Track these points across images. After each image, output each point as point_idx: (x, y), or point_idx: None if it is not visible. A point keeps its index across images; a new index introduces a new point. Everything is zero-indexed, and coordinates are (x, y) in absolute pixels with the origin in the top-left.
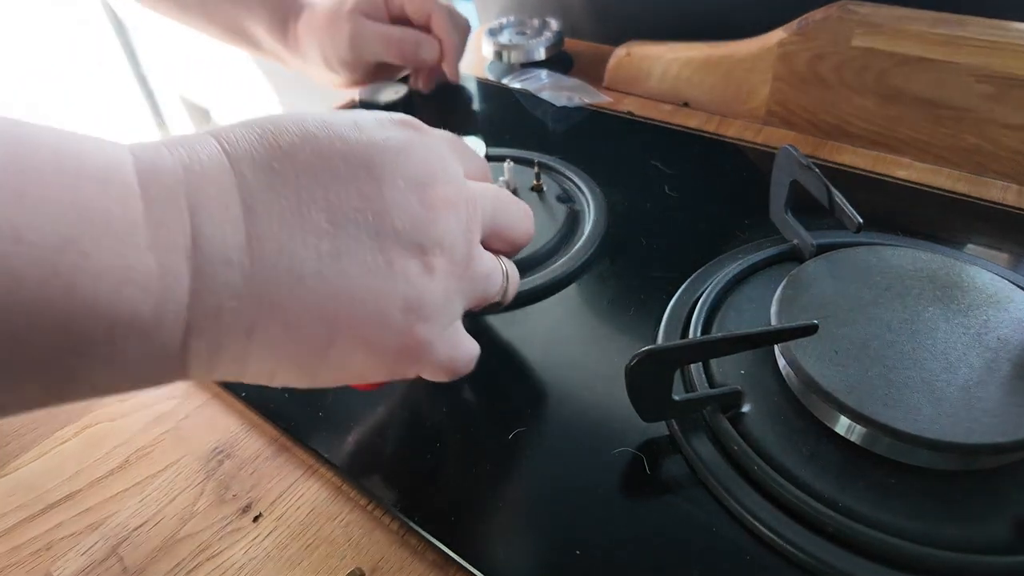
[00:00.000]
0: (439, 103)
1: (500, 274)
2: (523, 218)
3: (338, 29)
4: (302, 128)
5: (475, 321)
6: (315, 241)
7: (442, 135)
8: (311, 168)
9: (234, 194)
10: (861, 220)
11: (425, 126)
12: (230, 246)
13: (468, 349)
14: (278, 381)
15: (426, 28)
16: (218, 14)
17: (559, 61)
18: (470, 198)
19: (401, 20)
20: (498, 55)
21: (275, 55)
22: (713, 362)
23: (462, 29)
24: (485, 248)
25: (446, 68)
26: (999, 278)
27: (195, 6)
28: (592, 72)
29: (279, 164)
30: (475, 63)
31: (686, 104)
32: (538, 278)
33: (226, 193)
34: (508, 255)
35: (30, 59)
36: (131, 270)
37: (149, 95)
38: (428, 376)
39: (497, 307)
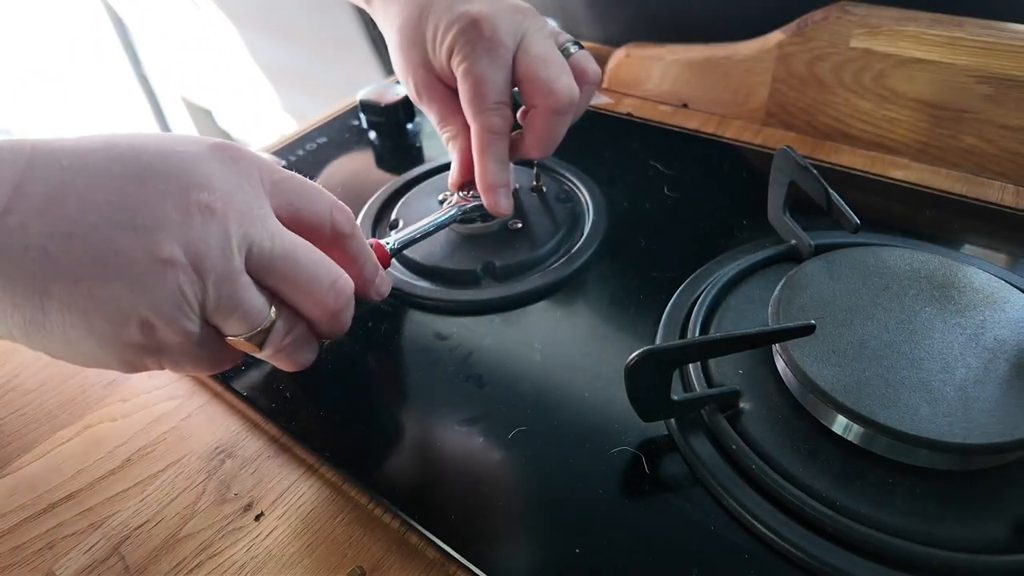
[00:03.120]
0: None
1: (261, 315)
2: (314, 279)
3: (407, 70)
4: (110, 140)
5: (473, 319)
6: (54, 222)
7: (274, 172)
8: (92, 167)
9: (12, 179)
10: (859, 221)
11: (250, 157)
12: None
13: (207, 355)
14: (20, 342)
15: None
16: None
17: None
18: (247, 221)
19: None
20: None
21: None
22: (711, 362)
23: (560, 102)
24: (266, 290)
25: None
26: (996, 278)
27: None
28: None
29: (68, 161)
30: None
31: (685, 105)
32: (538, 278)
33: (4, 178)
34: (313, 320)
35: (30, 59)
36: None
37: (150, 95)
38: (171, 368)
39: (250, 351)
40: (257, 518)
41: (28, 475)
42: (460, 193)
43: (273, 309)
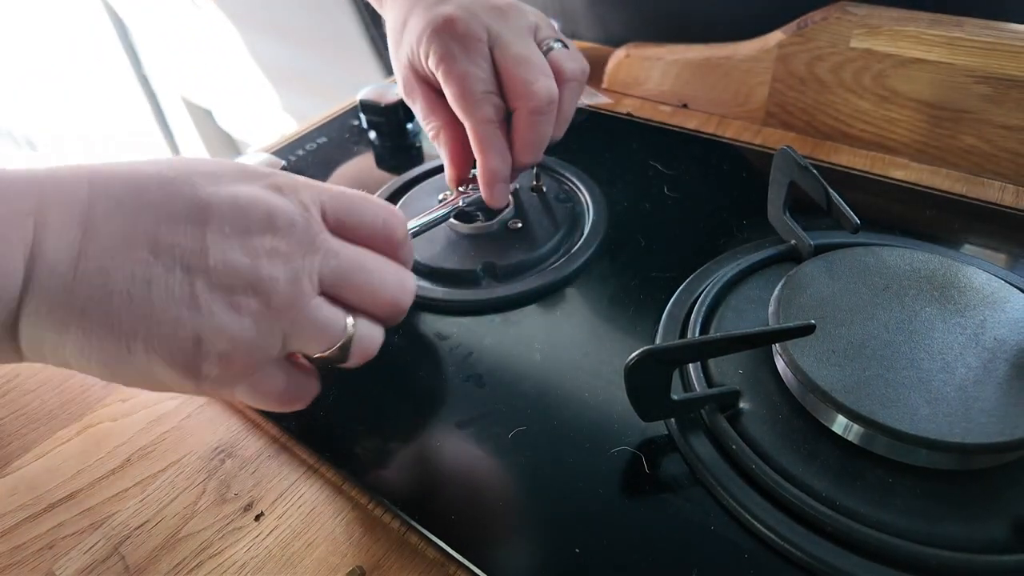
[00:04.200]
0: None
1: (340, 329)
2: (385, 284)
3: (396, 69)
4: (162, 173)
5: (473, 319)
6: (132, 266)
7: (322, 193)
8: (152, 205)
9: (78, 220)
10: (859, 221)
11: (297, 184)
12: (59, 261)
13: (283, 388)
14: (95, 375)
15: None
16: None
17: None
18: (311, 251)
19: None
20: None
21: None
22: (711, 362)
23: (539, 103)
24: (339, 302)
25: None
26: (996, 278)
27: None
28: (591, 73)
29: (127, 199)
30: None
31: (685, 105)
32: (538, 278)
33: (70, 219)
34: (381, 319)
35: (30, 59)
36: None
37: (150, 95)
38: (248, 401)
39: (339, 360)
40: (257, 518)
41: (28, 475)
42: (460, 188)
43: (350, 320)
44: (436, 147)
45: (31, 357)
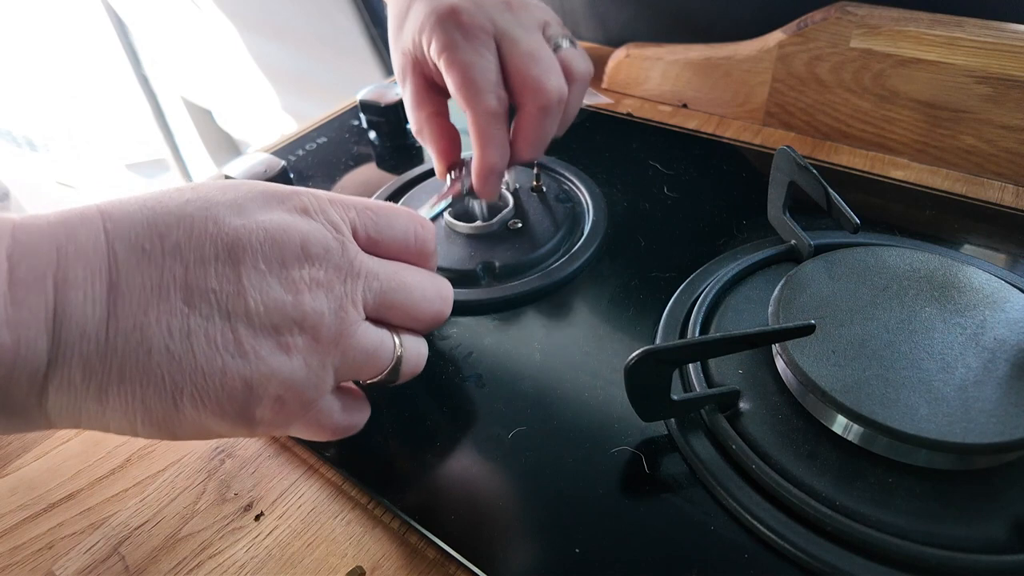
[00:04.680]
0: None
1: (389, 352)
2: (426, 298)
3: (394, 53)
4: (182, 209)
5: (473, 319)
6: (168, 319)
7: (349, 209)
8: (179, 249)
9: (102, 273)
10: (859, 220)
11: (323, 203)
12: (89, 321)
13: (339, 419)
14: (142, 436)
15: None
16: None
17: None
18: (351, 276)
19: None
20: None
21: None
22: (711, 362)
23: (549, 101)
24: (382, 322)
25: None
26: (996, 278)
27: None
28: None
29: (150, 245)
30: None
31: (685, 105)
32: (538, 278)
33: (94, 273)
34: (418, 331)
35: (31, 59)
36: None
37: (150, 95)
38: (303, 436)
39: (390, 381)
40: (257, 518)
41: (28, 475)
42: (451, 175)
43: (396, 339)
44: (420, 141)
45: (62, 425)
